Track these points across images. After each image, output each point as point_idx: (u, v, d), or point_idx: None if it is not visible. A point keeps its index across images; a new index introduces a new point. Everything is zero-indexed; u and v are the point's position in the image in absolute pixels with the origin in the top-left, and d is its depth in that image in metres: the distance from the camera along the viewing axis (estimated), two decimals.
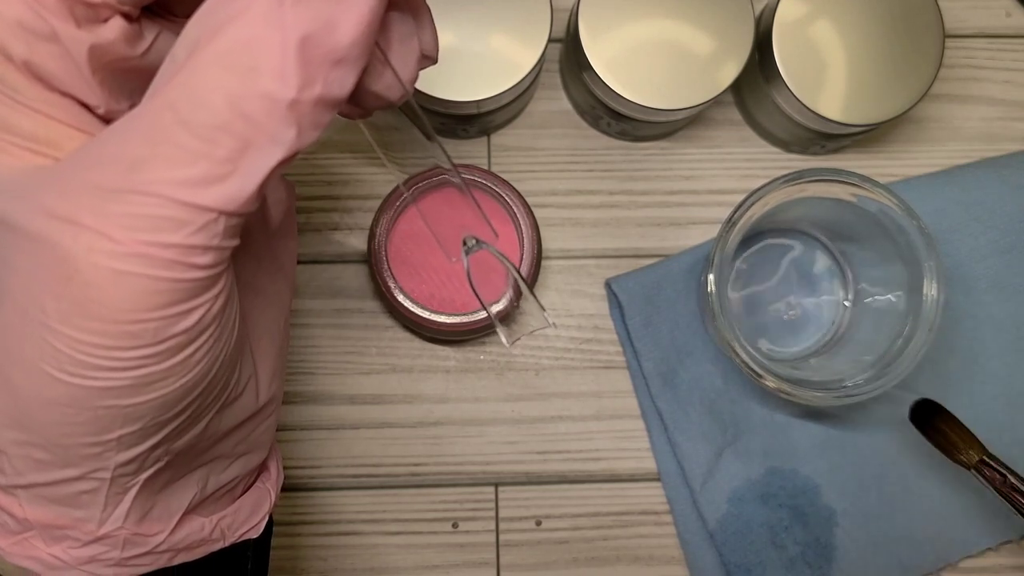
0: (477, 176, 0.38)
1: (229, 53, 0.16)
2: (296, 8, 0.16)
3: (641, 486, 0.41)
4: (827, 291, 0.41)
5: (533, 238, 0.37)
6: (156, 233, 0.17)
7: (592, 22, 0.36)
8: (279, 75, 0.16)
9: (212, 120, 0.17)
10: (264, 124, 0.17)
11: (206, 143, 0.17)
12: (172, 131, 0.17)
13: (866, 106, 0.37)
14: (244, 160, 0.17)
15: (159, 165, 0.17)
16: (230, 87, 0.16)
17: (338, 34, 0.17)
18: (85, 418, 0.19)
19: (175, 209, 0.17)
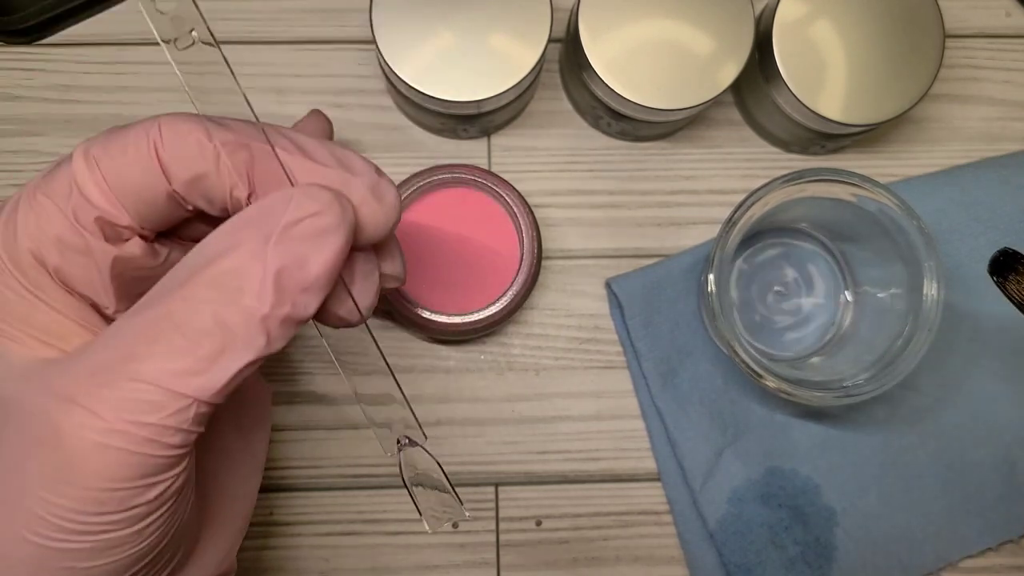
0: (477, 176, 0.38)
1: (221, 276, 0.21)
2: (276, 247, 0.21)
3: (641, 486, 0.41)
4: (827, 291, 0.41)
5: (533, 238, 0.37)
6: (138, 414, 0.20)
7: (592, 22, 0.37)
8: (257, 296, 0.21)
9: (201, 326, 0.20)
10: (240, 333, 0.21)
11: (193, 344, 0.20)
12: (167, 334, 0.21)
13: (866, 106, 0.37)
14: (219, 359, 0.21)
15: (151, 359, 0.20)
16: (217, 302, 0.21)
17: (307, 269, 0.21)
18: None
19: (157, 394, 0.20)
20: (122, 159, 0.22)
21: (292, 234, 0.21)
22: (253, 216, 0.22)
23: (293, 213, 0.21)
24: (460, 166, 0.38)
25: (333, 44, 0.42)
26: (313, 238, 0.21)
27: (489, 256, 0.38)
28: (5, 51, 0.41)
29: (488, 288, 0.38)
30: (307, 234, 0.21)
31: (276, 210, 0.21)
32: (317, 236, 0.21)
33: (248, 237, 0.21)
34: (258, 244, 0.21)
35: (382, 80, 0.41)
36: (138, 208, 0.23)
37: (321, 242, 0.21)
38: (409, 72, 0.35)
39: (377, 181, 0.23)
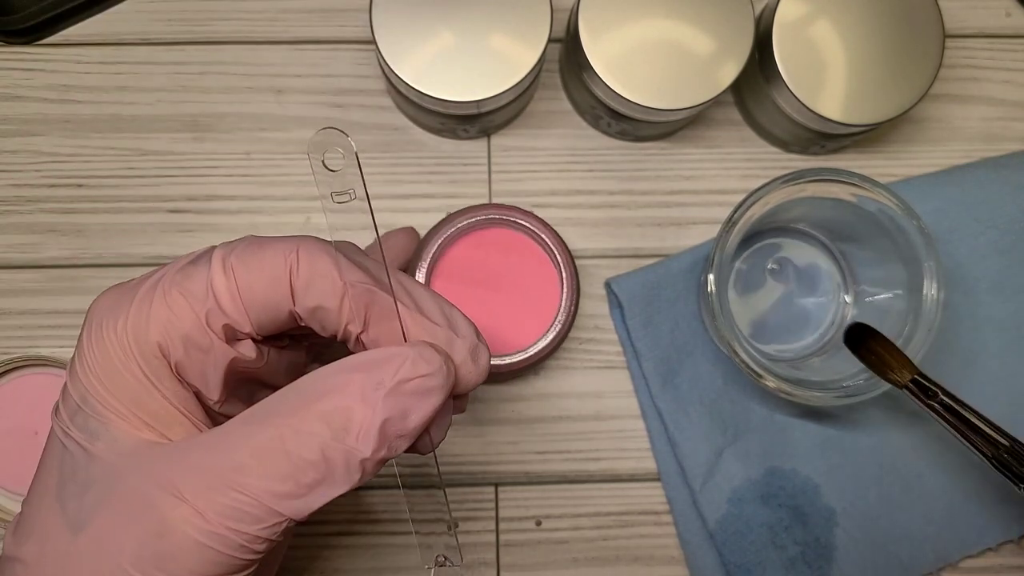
0: (517, 217, 0.37)
1: (331, 413, 0.23)
2: (387, 400, 0.23)
3: (641, 486, 0.41)
4: (827, 291, 0.41)
5: (572, 289, 0.37)
6: (240, 523, 0.22)
7: (592, 22, 0.37)
8: (362, 439, 0.23)
9: (307, 457, 0.23)
10: (340, 470, 0.23)
11: (297, 471, 0.23)
12: (276, 456, 0.23)
13: (866, 106, 0.37)
14: (317, 487, 0.23)
15: (259, 476, 0.22)
16: (325, 439, 0.23)
17: (409, 421, 0.23)
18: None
19: (260, 509, 0.22)
20: (258, 274, 0.24)
21: (403, 389, 0.23)
22: (370, 361, 0.23)
23: (408, 371, 0.23)
24: (498, 206, 0.38)
25: (333, 44, 0.42)
26: (419, 395, 0.23)
27: (527, 299, 0.38)
28: (5, 51, 0.41)
29: (524, 332, 0.37)
30: (416, 391, 0.23)
31: (392, 362, 0.23)
32: (423, 394, 0.23)
33: (360, 381, 0.23)
34: (369, 390, 0.23)
35: (382, 80, 0.41)
36: (260, 319, 0.25)
37: (424, 399, 0.24)
38: (409, 72, 0.35)
39: (476, 345, 0.26)
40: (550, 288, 0.38)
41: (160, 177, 0.41)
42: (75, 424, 0.24)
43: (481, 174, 0.41)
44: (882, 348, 0.35)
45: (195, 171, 0.41)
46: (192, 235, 0.40)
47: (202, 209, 0.41)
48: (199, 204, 0.41)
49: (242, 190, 0.41)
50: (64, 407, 0.25)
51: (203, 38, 0.41)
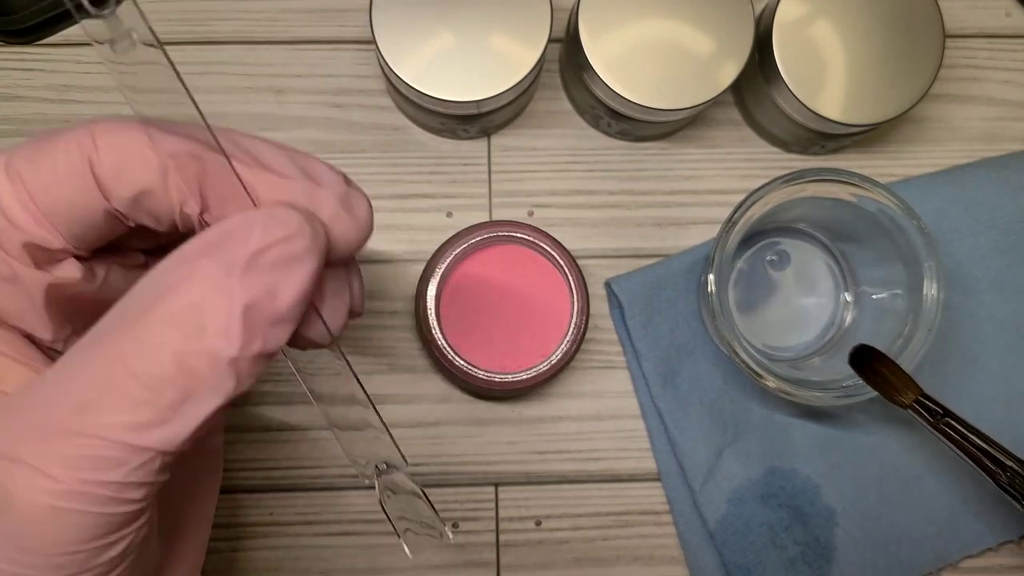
0: (516, 231, 0.37)
1: (179, 313, 0.18)
2: (244, 280, 0.18)
3: (641, 486, 0.41)
4: (827, 291, 0.41)
5: (583, 309, 0.37)
6: (95, 472, 0.18)
7: (592, 22, 0.37)
8: (224, 335, 0.18)
9: (160, 372, 0.18)
10: (206, 378, 0.18)
11: (152, 392, 0.18)
12: (121, 380, 0.18)
13: (866, 106, 0.37)
14: (184, 407, 0.18)
15: (106, 410, 0.18)
16: (178, 344, 0.18)
17: (279, 300, 0.19)
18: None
19: (116, 450, 0.18)
20: (51, 174, 0.20)
21: (260, 264, 0.19)
22: (212, 241, 0.19)
23: (260, 240, 0.19)
24: (505, 223, 0.37)
25: (333, 44, 0.42)
26: (283, 266, 0.19)
27: (538, 312, 0.38)
28: (5, 51, 0.41)
29: (542, 344, 0.37)
30: (276, 263, 0.19)
31: (238, 235, 0.19)
32: (287, 264, 0.19)
33: (207, 267, 0.19)
34: (220, 275, 0.18)
35: (382, 80, 0.41)
36: (72, 228, 0.20)
37: (292, 270, 0.19)
38: (409, 72, 0.35)
39: (346, 192, 0.21)
40: (560, 297, 0.38)
41: None
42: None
43: (481, 174, 0.41)
44: (887, 369, 0.35)
45: None
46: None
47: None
48: None
49: None
50: None
51: (203, 38, 0.41)
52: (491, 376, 0.36)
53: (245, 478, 0.40)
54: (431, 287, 0.37)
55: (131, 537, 0.20)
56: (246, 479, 0.40)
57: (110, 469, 0.18)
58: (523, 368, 0.37)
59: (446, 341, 0.37)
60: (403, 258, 0.41)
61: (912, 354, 0.35)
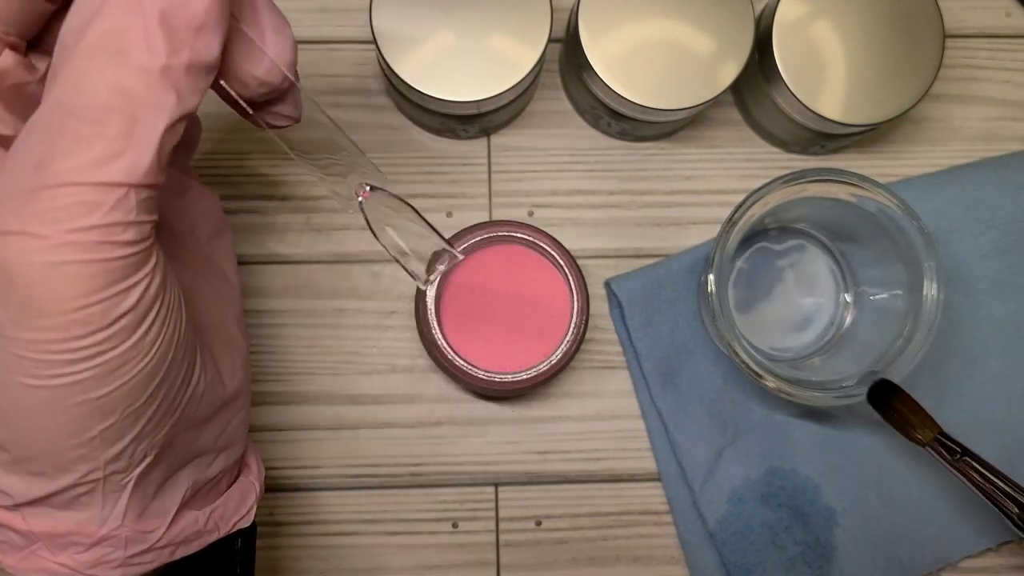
0: (519, 232, 0.37)
1: (99, 42, 0.18)
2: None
3: (641, 486, 0.41)
4: (827, 291, 0.41)
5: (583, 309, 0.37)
6: (76, 220, 0.18)
7: (592, 22, 0.37)
8: (148, 49, 0.18)
9: (97, 102, 0.18)
10: (144, 95, 0.19)
11: (97, 125, 0.18)
12: (64, 123, 0.18)
13: (866, 106, 0.37)
14: (135, 132, 0.19)
15: (59, 157, 0.18)
16: (106, 71, 0.18)
17: (192, 4, 0.19)
18: (64, 420, 0.20)
19: (86, 193, 0.18)
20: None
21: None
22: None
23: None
24: (503, 223, 0.37)
25: (333, 44, 0.42)
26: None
27: (539, 311, 0.38)
28: None
29: (542, 343, 0.37)
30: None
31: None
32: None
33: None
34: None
35: (382, 80, 0.41)
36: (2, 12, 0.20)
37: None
38: (409, 72, 0.35)
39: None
40: (560, 297, 0.38)
41: None
42: None
43: (481, 174, 0.41)
44: (906, 407, 0.35)
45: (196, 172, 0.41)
46: None
47: None
48: None
49: (241, 190, 0.41)
50: None
51: None
52: (491, 376, 0.36)
53: None
54: (431, 287, 0.37)
55: (144, 285, 0.20)
56: None
57: (88, 213, 0.18)
58: (523, 368, 0.37)
59: (446, 341, 0.37)
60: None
61: (912, 354, 0.35)
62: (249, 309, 0.40)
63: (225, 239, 0.30)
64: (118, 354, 0.20)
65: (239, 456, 0.28)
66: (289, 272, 0.40)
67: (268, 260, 0.40)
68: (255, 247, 0.40)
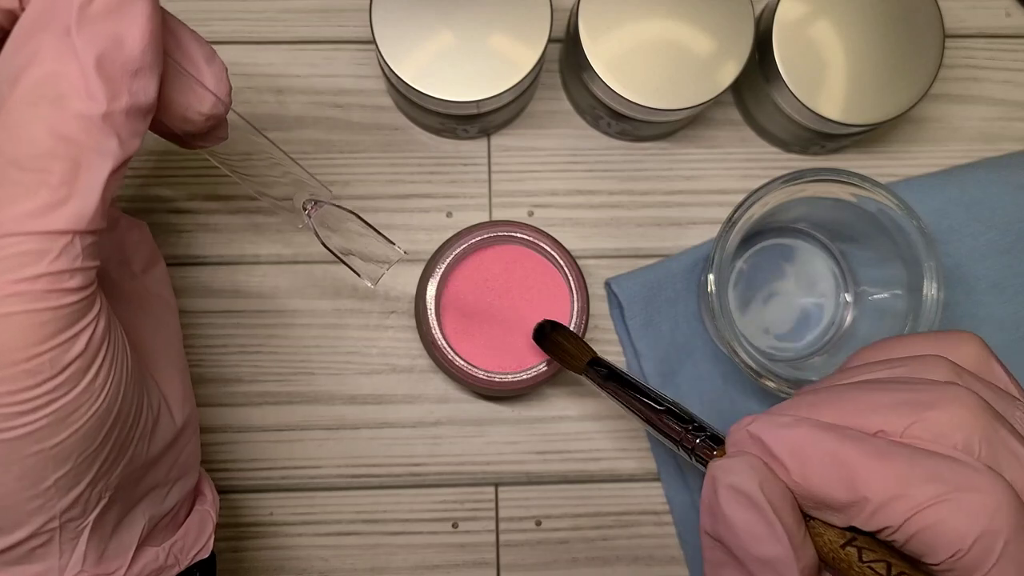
0: (519, 232, 0.37)
1: (35, 89, 0.18)
2: (82, 35, 0.18)
3: (641, 486, 0.41)
4: (827, 291, 0.41)
5: (583, 308, 0.37)
6: (22, 269, 0.18)
7: (592, 22, 0.37)
8: (87, 95, 0.18)
9: (38, 151, 0.18)
10: (86, 141, 0.18)
11: (39, 173, 0.18)
12: (5, 172, 0.18)
13: (866, 106, 0.37)
14: (79, 179, 0.18)
15: (3, 206, 0.18)
16: (46, 118, 0.18)
17: (127, 47, 0.19)
18: (18, 472, 0.20)
19: (31, 242, 0.18)
20: None
21: (90, 15, 0.18)
22: (39, 12, 0.19)
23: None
24: (496, 223, 0.37)
25: (333, 44, 0.42)
26: (116, 10, 0.19)
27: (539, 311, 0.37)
28: None
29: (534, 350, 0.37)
30: (108, 8, 0.19)
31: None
32: (120, 6, 0.19)
33: (45, 38, 0.18)
34: (60, 41, 0.18)
35: (382, 80, 0.41)
36: None
37: (126, 14, 0.19)
38: (409, 72, 0.35)
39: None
40: (560, 297, 0.38)
41: (160, 177, 0.41)
42: None
43: (481, 174, 0.41)
44: (564, 339, 0.35)
45: (195, 171, 0.41)
46: (191, 235, 0.40)
47: (202, 210, 0.40)
48: (199, 204, 0.41)
49: (241, 190, 0.41)
50: None
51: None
52: (491, 376, 0.36)
53: (245, 478, 0.40)
54: (431, 287, 0.37)
55: (91, 330, 0.20)
56: (246, 479, 0.40)
57: (35, 262, 0.18)
58: (523, 368, 0.37)
59: (446, 341, 0.37)
60: (403, 258, 0.41)
61: None
62: (250, 309, 0.40)
63: (159, 267, 0.29)
64: (69, 400, 0.20)
65: (193, 485, 0.28)
66: (289, 272, 0.40)
67: (268, 260, 0.40)
68: (255, 247, 0.40)
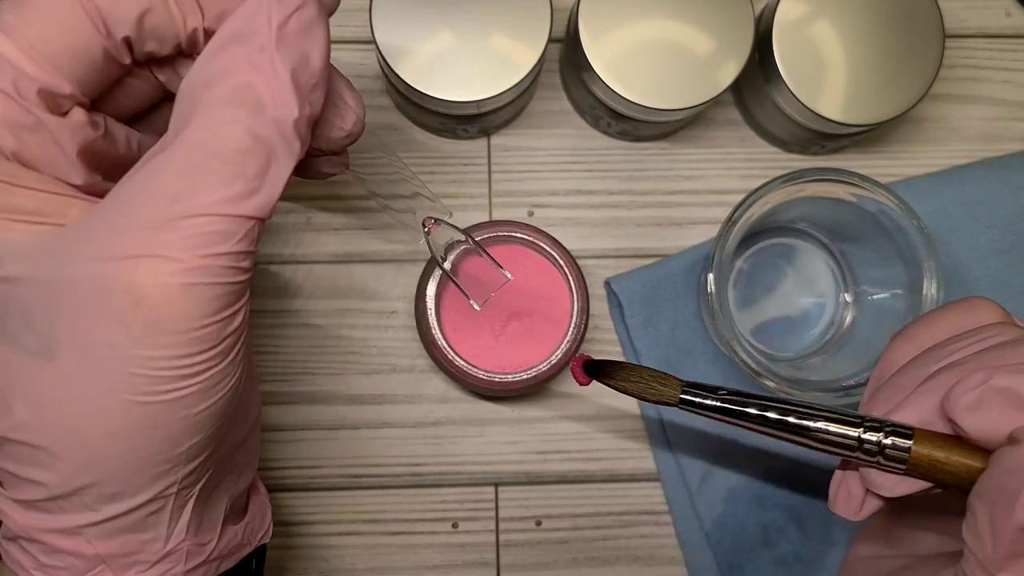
0: (519, 232, 0.37)
1: (234, 95, 0.21)
2: (281, 51, 0.21)
3: (641, 486, 0.41)
4: (827, 291, 0.41)
5: (583, 309, 0.37)
6: (212, 246, 0.20)
7: (592, 22, 0.37)
8: (282, 103, 0.21)
9: (238, 147, 0.21)
10: (278, 143, 0.21)
11: (238, 166, 0.21)
12: (207, 163, 0.20)
13: (866, 106, 0.37)
14: (268, 174, 0.21)
15: (203, 191, 0.20)
16: (246, 120, 0.21)
17: (312, 62, 0.22)
18: (163, 434, 0.22)
19: (224, 223, 0.20)
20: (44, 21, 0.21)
21: (287, 34, 0.21)
22: (236, 30, 0.21)
23: (280, 13, 0.21)
24: (496, 223, 0.37)
25: (333, 44, 0.41)
26: (305, 32, 0.22)
27: (539, 311, 0.37)
28: None
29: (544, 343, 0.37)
30: (300, 29, 0.22)
31: (257, 17, 0.21)
32: (308, 29, 0.22)
33: (240, 52, 0.21)
34: (254, 55, 0.21)
35: (382, 80, 0.41)
36: (74, 71, 0.22)
37: (312, 34, 0.22)
38: (409, 72, 0.35)
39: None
40: (560, 297, 0.37)
41: None
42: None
43: (481, 174, 0.41)
44: (631, 371, 0.28)
45: None
46: None
47: None
48: None
49: None
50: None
51: None
52: (491, 376, 0.36)
53: None
54: (431, 287, 0.37)
55: (245, 308, 0.22)
56: None
57: (223, 241, 0.20)
58: (523, 368, 0.37)
59: (446, 341, 0.37)
60: (403, 258, 0.41)
61: None
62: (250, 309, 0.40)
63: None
64: (219, 370, 0.22)
65: (253, 474, 0.29)
66: (289, 272, 0.40)
67: (269, 260, 0.40)
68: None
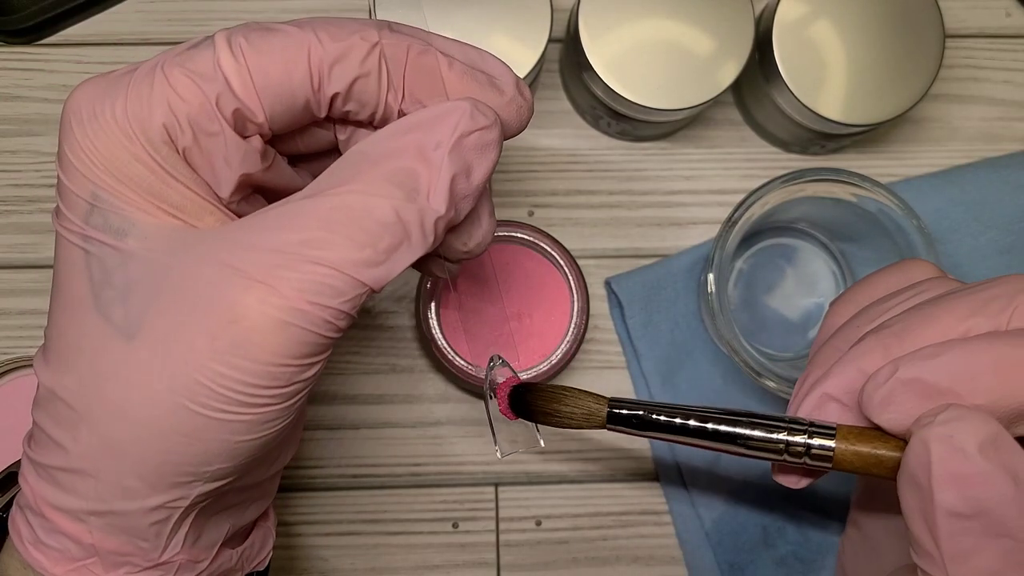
0: (519, 232, 0.37)
1: (396, 175, 0.22)
2: (453, 155, 0.22)
3: (641, 486, 0.41)
4: (827, 291, 0.41)
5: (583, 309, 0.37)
6: (322, 297, 0.21)
7: (592, 22, 0.37)
8: (436, 199, 0.22)
9: (382, 221, 0.21)
10: (416, 231, 0.22)
11: (374, 236, 0.21)
12: (350, 223, 0.21)
13: (866, 106, 0.37)
14: (395, 254, 0.22)
15: (336, 246, 0.21)
16: (398, 200, 0.22)
17: (473, 177, 0.23)
18: (197, 449, 0.22)
19: (341, 280, 0.21)
20: (270, 57, 0.22)
21: (464, 145, 0.22)
22: (424, 120, 0.23)
23: (467, 126, 0.22)
24: (501, 222, 0.37)
25: None
26: (480, 150, 0.23)
27: (540, 310, 0.38)
28: (5, 51, 0.41)
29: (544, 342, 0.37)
30: (476, 146, 0.23)
31: (447, 119, 0.22)
32: (483, 148, 0.23)
33: (419, 140, 0.22)
34: (429, 149, 0.22)
35: None
36: (273, 107, 0.23)
37: (484, 155, 0.23)
38: None
39: (515, 94, 0.24)
40: (560, 297, 0.38)
41: None
42: (92, 224, 0.22)
43: None
44: (559, 394, 0.27)
45: None
46: None
47: None
48: None
49: None
50: (69, 208, 0.22)
51: None
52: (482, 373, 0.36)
53: None
54: (431, 287, 0.37)
55: (320, 364, 0.23)
56: None
57: (333, 296, 0.21)
58: (523, 368, 0.37)
59: (446, 341, 0.37)
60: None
61: None
62: None
63: None
64: (276, 410, 0.22)
65: (267, 506, 0.30)
66: None
67: None
68: None
